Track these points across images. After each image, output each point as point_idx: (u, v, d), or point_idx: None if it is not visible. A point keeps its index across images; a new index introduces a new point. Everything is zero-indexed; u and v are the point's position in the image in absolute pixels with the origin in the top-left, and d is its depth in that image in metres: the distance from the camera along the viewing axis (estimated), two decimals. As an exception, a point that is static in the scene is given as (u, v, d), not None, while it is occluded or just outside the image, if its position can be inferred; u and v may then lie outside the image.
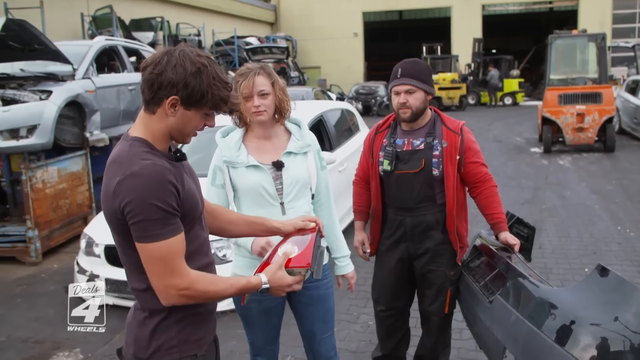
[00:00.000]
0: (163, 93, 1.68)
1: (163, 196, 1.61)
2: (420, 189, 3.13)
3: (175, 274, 1.66)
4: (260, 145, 2.65)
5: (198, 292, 1.71)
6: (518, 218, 3.43)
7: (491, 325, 2.69)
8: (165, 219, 1.62)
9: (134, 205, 1.59)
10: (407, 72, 3.04)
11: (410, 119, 3.10)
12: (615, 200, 8.25)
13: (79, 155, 7.16)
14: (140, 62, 7.17)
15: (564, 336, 2.17)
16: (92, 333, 4.47)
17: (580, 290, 2.31)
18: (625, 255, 5.85)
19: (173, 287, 1.66)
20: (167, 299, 1.68)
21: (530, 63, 32.45)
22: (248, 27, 29.57)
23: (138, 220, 1.61)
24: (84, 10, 16.60)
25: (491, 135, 16.37)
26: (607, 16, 30.11)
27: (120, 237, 1.72)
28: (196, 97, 1.69)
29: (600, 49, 13.12)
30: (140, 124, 1.76)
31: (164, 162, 1.69)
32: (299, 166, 2.64)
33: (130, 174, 1.61)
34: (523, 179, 10.16)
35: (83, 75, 7.42)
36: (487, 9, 33.23)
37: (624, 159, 11.85)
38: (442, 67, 26.65)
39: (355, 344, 4.18)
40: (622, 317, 2.05)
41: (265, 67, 2.62)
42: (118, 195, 1.61)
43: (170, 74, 1.66)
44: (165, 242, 1.63)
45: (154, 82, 1.67)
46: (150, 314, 1.76)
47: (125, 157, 1.66)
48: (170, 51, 1.70)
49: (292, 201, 2.61)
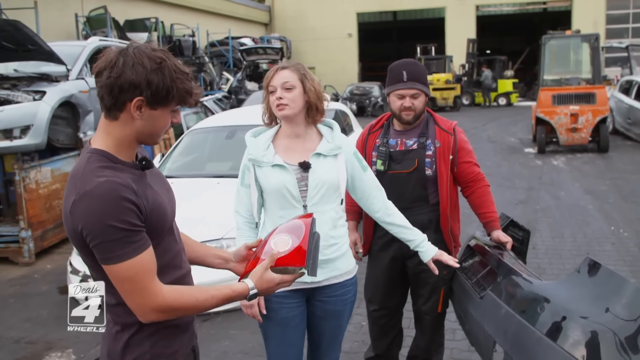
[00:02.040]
0: (125, 96, 1.57)
1: (120, 215, 1.52)
2: (413, 188, 3.14)
3: (146, 292, 1.58)
4: (290, 145, 2.54)
5: (175, 308, 1.64)
6: (512, 220, 3.43)
7: (482, 320, 2.70)
8: (127, 237, 1.53)
9: (90, 228, 1.51)
10: (412, 75, 3.04)
11: (412, 121, 3.12)
12: (608, 201, 8.29)
13: (72, 156, 7.14)
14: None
15: (553, 329, 2.18)
16: (85, 334, 4.48)
17: (569, 283, 2.32)
18: (618, 256, 5.88)
19: (147, 305, 1.59)
20: (143, 316, 1.61)
21: (524, 63, 32.54)
22: (242, 28, 29.55)
23: (97, 242, 1.53)
24: (78, 10, 16.56)
25: (485, 135, 16.42)
26: (600, 17, 30.24)
27: (85, 256, 1.64)
28: (162, 95, 1.60)
29: (594, 50, 13.17)
30: (102, 133, 1.65)
31: (122, 175, 1.58)
32: (328, 169, 2.51)
33: (84, 193, 1.52)
34: (517, 179, 10.19)
35: (77, 75, 7.41)
36: (481, 9, 33.32)
37: (617, 159, 11.90)
38: (436, 67, 26.71)
39: (348, 344, 4.18)
40: (612, 309, 2.07)
41: (297, 64, 2.53)
42: (75, 217, 1.53)
43: (130, 75, 1.55)
44: (130, 261, 1.54)
45: (113, 86, 1.56)
46: (122, 327, 1.69)
47: (80, 173, 1.57)
48: (123, 51, 1.59)
49: (316, 205, 2.48)
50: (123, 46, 1.63)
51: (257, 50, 20.57)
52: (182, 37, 20.58)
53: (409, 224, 2.73)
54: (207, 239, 4.58)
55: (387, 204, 2.70)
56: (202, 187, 5.53)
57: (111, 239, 1.52)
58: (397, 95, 3.08)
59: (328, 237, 2.50)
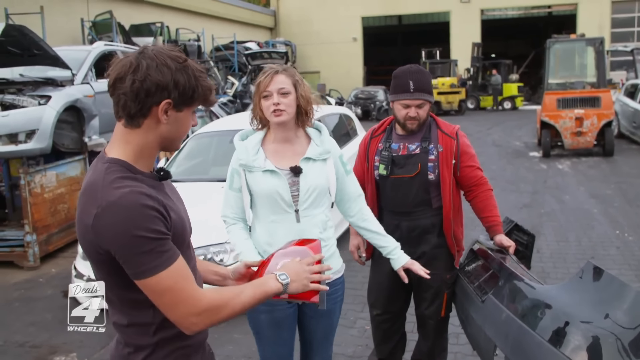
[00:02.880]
0: (153, 100, 1.51)
1: (149, 224, 1.45)
2: (416, 193, 3.14)
3: (190, 299, 1.50)
4: (280, 149, 2.55)
5: (219, 305, 1.56)
6: (517, 224, 3.42)
7: (483, 324, 2.71)
8: (158, 247, 1.46)
9: (119, 242, 1.43)
10: (419, 85, 3.03)
11: (417, 129, 3.13)
12: (614, 205, 8.25)
13: (77, 160, 7.18)
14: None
15: (553, 333, 2.18)
16: (89, 337, 4.51)
17: (570, 288, 2.32)
18: (623, 260, 5.85)
19: (193, 313, 1.51)
20: (189, 328, 1.53)
21: (529, 67, 32.51)
22: (247, 32, 29.63)
23: (129, 257, 1.45)
24: (84, 15, 16.66)
25: (490, 139, 16.38)
26: (605, 20, 30.17)
27: (101, 273, 1.57)
28: (188, 95, 1.54)
29: (599, 53, 13.14)
30: (120, 142, 1.56)
31: (145, 186, 1.51)
32: (318, 173, 2.53)
33: (107, 205, 1.43)
34: (522, 183, 10.16)
35: (82, 80, 7.45)
36: (486, 13, 33.31)
37: (622, 163, 11.86)
38: (441, 71, 26.71)
39: (351, 348, 4.18)
40: (613, 314, 2.07)
41: (288, 68, 2.53)
42: (98, 233, 1.45)
43: (156, 77, 1.49)
44: (167, 271, 1.47)
45: (139, 91, 1.48)
46: (135, 349, 1.61)
47: (100, 185, 1.47)
48: (141, 54, 1.52)
49: (307, 209, 2.51)
50: (134, 50, 1.58)
51: (262, 54, 20.60)
52: (188, 41, 20.64)
53: (384, 231, 2.76)
54: (211, 243, 4.59)
55: (364, 210, 2.73)
56: (206, 191, 5.54)
57: (143, 251, 1.44)
58: (403, 104, 3.08)
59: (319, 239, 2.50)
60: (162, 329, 1.60)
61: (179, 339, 1.63)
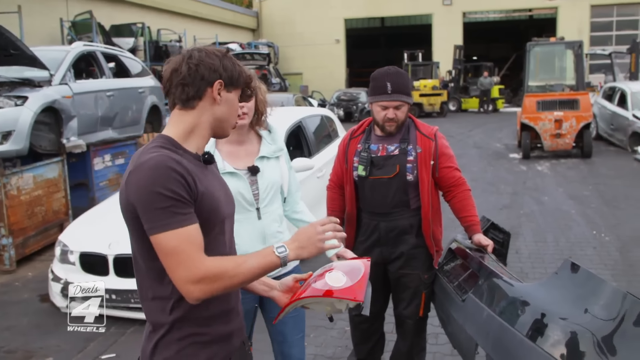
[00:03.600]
0: (207, 81, 1.70)
1: (167, 184, 1.55)
2: (394, 194, 3.15)
3: (189, 264, 1.55)
4: (234, 150, 2.65)
5: (217, 274, 1.57)
6: (493, 223, 3.46)
7: (464, 323, 2.73)
8: (173, 207, 1.55)
9: (138, 196, 1.56)
10: (396, 87, 3.04)
11: (395, 131, 3.14)
12: (591, 206, 8.35)
13: (55, 162, 7.08)
14: (119, 68, 7.12)
15: (534, 330, 2.21)
16: (66, 341, 4.46)
17: (549, 285, 2.35)
18: (600, 260, 5.92)
19: (190, 278, 1.54)
20: (187, 294, 1.57)
21: (510, 70, 32.79)
22: (230, 33, 29.54)
23: (145, 211, 1.56)
24: (63, 15, 16.47)
25: (471, 141, 16.50)
26: (585, 24, 30.56)
27: (133, 237, 1.68)
28: (235, 76, 1.75)
29: (577, 56, 13.29)
30: (172, 122, 1.73)
31: (178, 156, 1.62)
32: (273, 170, 2.68)
33: (139, 165, 1.58)
34: (502, 184, 10.25)
35: (60, 81, 7.34)
36: (468, 16, 33.56)
37: (600, 164, 12.01)
38: (423, 73, 26.85)
39: (331, 349, 4.17)
40: (591, 310, 2.10)
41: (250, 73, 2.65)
42: (128, 188, 1.59)
43: (209, 61, 1.69)
44: (175, 231, 1.54)
45: (195, 75, 1.68)
46: (154, 328, 1.70)
47: (140, 151, 1.66)
48: (191, 49, 1.74)
49: (267, 206, 2.64)
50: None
51: (245, 55, 20.60)
52: (169, 42, 20.52)
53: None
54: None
55: (299, 204, 2.89)
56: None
57: (157, 207, 1.54)
58: (381, 106, 3.09)
59: (276, 232, 2.68)
60: (178, 307, 1.66)
61: (197, 324, 1.68)
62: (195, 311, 1.66)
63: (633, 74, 16.90)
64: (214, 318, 1.72)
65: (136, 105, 9.21)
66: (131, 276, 4.51)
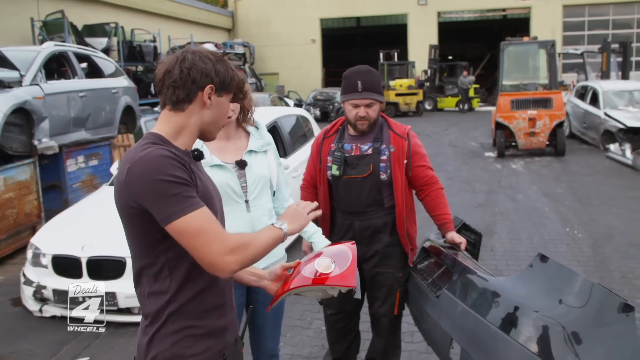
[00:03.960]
0: (198, 85, 1.71)
1: (171, 170, 1.58)
2: (368, 193, 3.16)
3: (219, 238, 1.60)
4: (222, 146, 2.73)
5: (243, 244, 1.64)
6: (465, 223, 3.48)
7: (438, 319, 2.75)
8: (184, 192, 1.58)
9: (146, 190, 1.57)
10: (367, 85, 3.05)
11: (367, 130, 3.14)
12: (564, 203, 8.48)
13: (26, 164, 6.96)
14: (91, 68, 7.03)
15: (507, 323, 2.24)
16: (39, 346, 4.40)
17: (522, 279, 2.39)
18: (572, 256, 6.01)
19: (225, 252, 1.59)
20: (225, 268, 1.60)
21: (485, 69, 33.13)
22: (205, 33, 29.34)
23: (157, 202, 1.57)
24: (34, 15, 16.18)
25: (447, 140, 16.63)
26: (557, 24, 30.98)
27: (131, 235, 1.69)
28: (227, 82, 1.76)
29: (550, 56, 13.48)
30: (161, 122, 1.75)
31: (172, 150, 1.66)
32: (261, 164, 2.77)
33: (138, 159, 1.59)
34: (477, 183, 10.34)
35: (31, 81, 7.21)
36: (443, 15, 33.80)
37: (574, 162, 12.19)
38: (399, 73, 26.97)
39: (307, 349, 4.17)
40: (563, 301, 2.14)
41: None
42: (130, 184, 1.59)
43: (201, 65, 1.70)
44: (195, 213, 1.58)
45: (186, 78, 1.69)
46: (150, 322, 1.72)
47: (133, 149, 1.66)
48: (185, 51, 1.74)
49: (256, 199, 2.73)
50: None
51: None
52: (143, 42, 20.28)
53: None
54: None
55: (288, 200, 2.98)
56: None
57: (169, 194, 1.56)
58: (352, 104, 3.10)
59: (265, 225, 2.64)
60: (174, 301, 1.70)
61: (191, 317, 1.72)
62: (190, 304, 1.71)
63: (604, 72, 17.21)
64: (209, 311, 1.76)
65: (110, 106, 9.09)
66: (104, 279, 4.50)
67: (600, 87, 14.08)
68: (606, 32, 29.06)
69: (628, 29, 30.67)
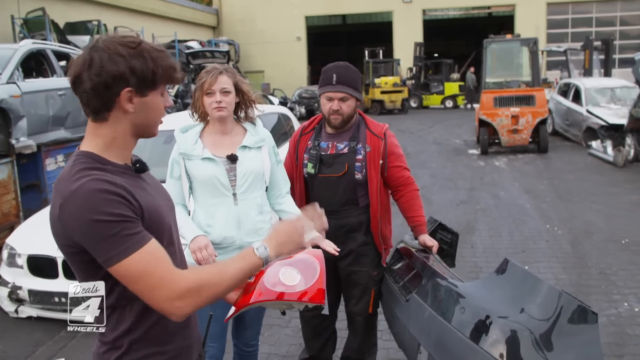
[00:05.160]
0: (113, 92, 1.48)
1: (109, 208, 1.39)
2: (343, 192, 3.15)
3: (166, 281, 1.42)
4: (217, 141, 2.82)
5: (202, 285, 1.47)
6: (441, 223, 3.48)
7: (407, 323, 2.74)
8: (123, 230, 1.40)
9: (82, 230, 1.39)
10: (341, 79, 3.04)
11: (340, 125, 3.13)
12: (545, 200, 8.53)
13: (4, 163, 6.85)
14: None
15: (473, 329, 2.23)
16: (13, 347, 4.35)
17: (489, 285, 2.38)
18: (552, 253, 6.04)
19: (172, 297, 1.43)
20: (174, 313, 1.45)
21: (474, 67, 33.21)
22: (189, 31, 29.19)
23: (94, 244, 1.40)
24: (14, 12, 16.01)
25: (431, 137, 16.68)
26: (541, 21, 31.20)
27: (75, 268, 1.52)
28: (149, 78, 1.50)
29: (533, 53, 13.55)
30: (90, 136, 1.55)
31: (110, 175, 1.47)
32: (253, 159, 2.81)
33: (69, 195, 1.41)
34: (460, 180, 10.37)
35: (7, 79, 7.11)
36: (428, 13, 33.89)
37: (556, 159, 12.27)
38: (384, 70, 27.02)
39: (285, 348, 4.16)
40: (527, 309, 2.13)
41: (230, 69, 2.82)
42: (64, 222, 1.42)
43: (111, 68, 1.46)
44: (137, 254, 1.40)
45: (97, 87, 1.46)
46: (109, 348, 1.56)
47: (65, 177, 1.46)
48: (94, 47, 1.49)
49: (244, 193, 2.79)
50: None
51: (205, 53, 20.36)
52: (127, 40, 20.15)
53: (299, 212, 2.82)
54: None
55: (285, 197, 3.00)
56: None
57: (106, 235, 1.39)
58: (326, 97, 3.09)
59: (255, 221, 2.81)
60: (136, 330, 1.55)
61: (156, 344, 1.58)
62: (153, 330, 1.57)
63: (587, 70, 17.31)
64: (174, 334, 1.63)
65: (90, 105, 8.99)
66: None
67: (583, 85, 14.18)
68: (589, 30, 29.29)
69: (611, 26, 30.97)
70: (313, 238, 2.76)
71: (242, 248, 2.80)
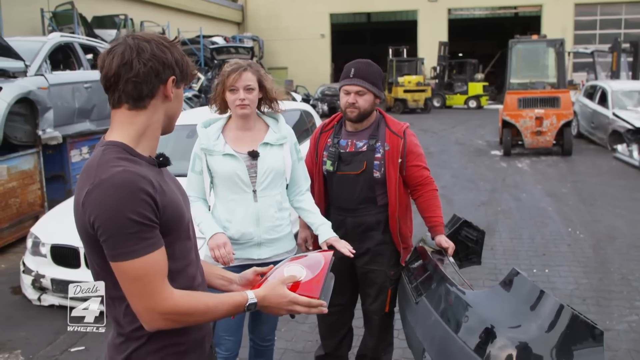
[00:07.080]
0: (161, 79, 1.54)
1: (136, 207, 1.41)
2: (361, 190, 3.15)
3: (155, 295, 1.46)
4: (239, 136, 2.82)
5: (185, 313, 1.51)
6: (466, 221, 3.43)
7: (415, 326, 2.73)
8: (141, 232, 1.42)
9: (103, 220, 1.40)
10: (359, 73, 3.04)
11: (356, 119, 3.11)
12: (568, 203, 8.43)
13: (30, 154, 7.01)
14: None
15: (475, 339, 2.19)
16: (35, 334, 4.43)
17: (496, 295, 2.33)
18: (573, 257, 5.98)
19: (155, 310, 1.46)
20: (149, 323, 1.49)
21: (495, 67, 32.93)
22: (214, 27, 29.37)
23: (108, 236, 1.41)
24: (44, 6, 16.26)
25: (454, 137, 16.57)
26: (569, 22, 30.78)
27: (94, 256, 1.52)
28: (186, 71, 1.62)
29: (559, 54, 13.38)
30: (122, 125, 1.56)
31: (141, 168, 1.49)
32: (275, 156, 2.81)
33: (99, 182, 1.42)
34: (481, 181, 10.30)
35: (36, 72, 7.25)
36: (453, 12, 33.65)
37: (580, 162, 12.11)
38: (408, 69, 26.92)
39: (301, 344, 4.18)
40: (532, 322, 2.08)
41: (254, 65, 2.81)
42: (87, 208, 1.43)
43: (162, 56, 1.54)
44: (142, 259, 1.43)
45: (150, 71, 1.52)
46: (126, 339, 1.57)
47: (95, 164, 1.47)
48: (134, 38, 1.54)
49: (265, 190, 2.79)
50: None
51: (229, 49, 20.47)
52: (153, 34, 20.34)
53: (317, 210, 2.98)
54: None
55: (304, 194, 3.00)
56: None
57: (125, 233, 1.41)
58: (344, 91, 3.10)
59: (274, 218, 2.83)
60: None
61: (174, 335, 1.59)
62: None
63: (614, 72, 17.06)
64: (192, 326, 1.64)
65: (115, 98, 9.12)
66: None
67: (609, 87, 13.97)
68: (618, 32, 28.83)
69: (640, 28, 30.42)
70: (329, 238, 2.80)
71: (260, 245, 2.83)
